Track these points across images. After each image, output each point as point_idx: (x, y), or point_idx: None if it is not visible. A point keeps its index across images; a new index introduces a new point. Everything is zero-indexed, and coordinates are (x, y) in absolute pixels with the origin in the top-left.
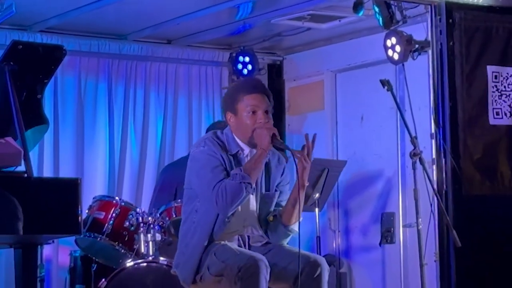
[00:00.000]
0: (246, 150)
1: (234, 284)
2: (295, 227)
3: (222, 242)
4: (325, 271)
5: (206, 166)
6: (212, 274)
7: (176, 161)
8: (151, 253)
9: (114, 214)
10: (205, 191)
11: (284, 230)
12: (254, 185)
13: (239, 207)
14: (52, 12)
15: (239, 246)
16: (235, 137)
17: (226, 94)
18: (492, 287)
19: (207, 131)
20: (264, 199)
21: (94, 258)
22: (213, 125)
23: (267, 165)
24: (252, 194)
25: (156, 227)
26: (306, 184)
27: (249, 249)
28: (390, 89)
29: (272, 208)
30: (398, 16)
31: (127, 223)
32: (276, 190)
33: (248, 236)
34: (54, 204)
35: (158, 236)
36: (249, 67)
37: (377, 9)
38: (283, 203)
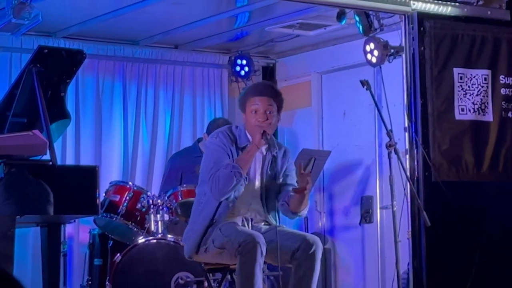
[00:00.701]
0: None
1: (235, 256)
2: (303, 212)
3: (229, 220)
4: (319, 249)
5: (211, 156)
6: (216, 246)
7: (181, 151)
8: (160, 231)
9: (127, 197)
10: (206, 178)
11: (293, 216)
12: (245, 175)
13: (245, 194)
14: (74, 20)
15: (243, 225)
16: (246, 132)
17: (239, 95)
18: (456, 260)
19: (208, 126)
20: (270, 186)
21: (110, 235)
22: (213, 121)
23: (275, 157)
24: (245, 183)
25: (164, 208)
26: (309, 192)
27: (251, 228)
28: (369, 88)
29: (278, 195)
30: (376, 24)
31: (139, 205)
32: (281, 179)
33: (252, 219)
34: (75, 188)
35: (166, 217)
36: (246, 69)
37: (357, 18)
38: (290, 188)
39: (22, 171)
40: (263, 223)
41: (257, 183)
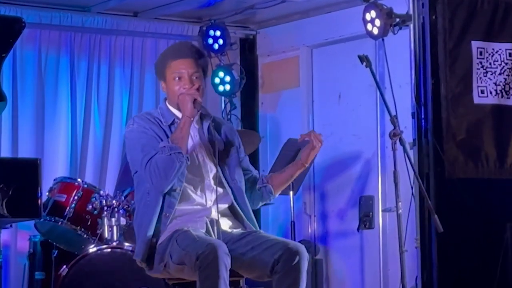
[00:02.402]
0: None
1: (195, 272)
2: (275, 196)
3: (185, 229)
4: (304, 259)
5: (136, 146)
6: (174, 262)
7: None
8: (115, 238)
9: (76, 197)
10: (140, 172)
11: (266, 195)
12: (185, 153)
13: (192, 177)
14: None
15: (207, 231)
16: (169, 106)
17: (156, 61)
18: (474, 274)
19: None
20: (227, 157)
21: (54, 243)
22: None
23: (216, 127)
24: (188, 162)
25: (120, 210)
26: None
27: (220, 235)
28: (369, 65)
29: (237, 165)
30: None
31: (90, 206)
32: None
33: (217, 220)
34: (12, 185)
35: (123, 221)
36: (220, 41)
37: None
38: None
39: None
40: (228, 226)
41: (203, 157)
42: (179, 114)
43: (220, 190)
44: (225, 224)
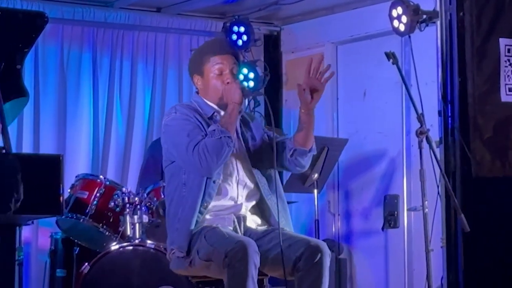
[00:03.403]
0: (222, 112)
1: (223, 269)
2: (313, 145)
3: (214, 225)
4: (327, 256)
5: (180, 131)
6: (201, 258)
7: (159, 139)
8: (137, 235)
9: (98, 194)
10: (185, 157)
11: (301, 158)
12: (233, 140)
13: (227, 169)
14: None
15: (234, 228)
16: (206, 100)
17: (192, 56)
18: (502, 275)
19: None
20: (253, 149)
21: (76, 240)
22: None
23: (245, 126)
24: (232, 149)
25: (143, 208)
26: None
27: (245, 231)
28: (395, 62)
29: (268, 153)
30: None
31: (112, 203)
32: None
33: (244, 217)
34: (34, 182)
35: (145, 218)
36: (244, 37)
37: None
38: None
39: None
40: (256, 224)
41: (238, 151)
42: (217, 108)
43: (250, 185)
44: (252, 221)
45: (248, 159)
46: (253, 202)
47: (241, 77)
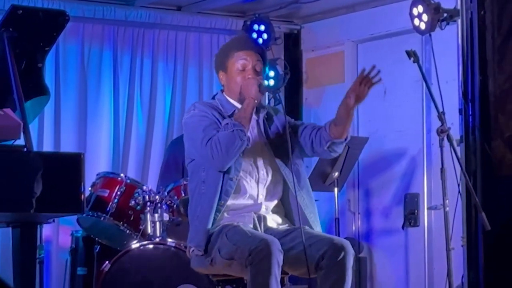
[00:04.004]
0: None
1: (245, 268)
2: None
3: (235, 223)
4: (350, 255)
5: (197, 128)
6: (223, 257)
7: (182, 136)
8: (158, 234)
9: (119, 192)
10: (200, 151)
11: (337, 148)
12: (248, 134)
13: (247, 167)
14: None
15: (254, 227)
16: (228, 98)
17: (217, 52)
18: None
19: None
20: (279, 144)
21: (97, 239)
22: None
23: (268, 118)
24: (248, 145)
25: (163, 206)
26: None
27: (265, 231)
28: (416, 60)
29: (290, 146)
30: None
31: (133, 201)
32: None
33: (265, 216)
34: (55, 180)
35: (166, 216)
36: (265, 36)
37: None
38: (310, 126)
39: None
40: (276, 223)
41: (259, 148)
42: (239, 106)
43: (272, 184)
44: (273, 220)
45: (273, 156)
46: (275, 202)
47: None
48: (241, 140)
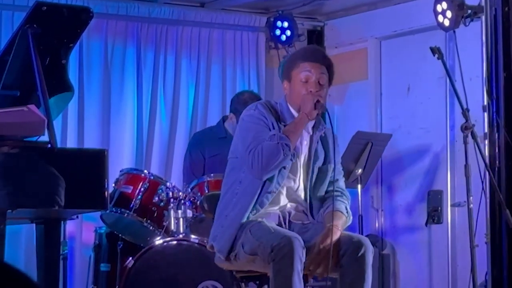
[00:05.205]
0: None
1: (268, 264)
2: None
3: (259, 219)
4: (369, 251)
5: (251, 129)
6: (246, 252)
7: (201, 130)
8: (181, 230)
9: (142, 189)
10: (243, 155)
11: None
12: (293, 150)
13: (287, 181)
14: None
15: (279, 223)
16: (290, 107)
17: (284, 61)
18: None
19: (231, 103)
20: (321, 172)
21: (120, 235)
22: (237, 96)
23: (324, 140)
24: (292, 160)
25: (187, 203)
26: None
27: (288, 226)
28: (441, 57)
29: (325, 183)
30: None
31: (156, 198)
32: (329, 163)
33: (289, 212)
34: (78, 177)
35: (189, 213)
36: (288, 33)
37: None
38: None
39: (15, 155)
40: (301, 221)
41: (300, 166)
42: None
43: (300, 205)
44: (295, 217)
45: (312, 178)
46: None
47: None
48: (284, 154)
